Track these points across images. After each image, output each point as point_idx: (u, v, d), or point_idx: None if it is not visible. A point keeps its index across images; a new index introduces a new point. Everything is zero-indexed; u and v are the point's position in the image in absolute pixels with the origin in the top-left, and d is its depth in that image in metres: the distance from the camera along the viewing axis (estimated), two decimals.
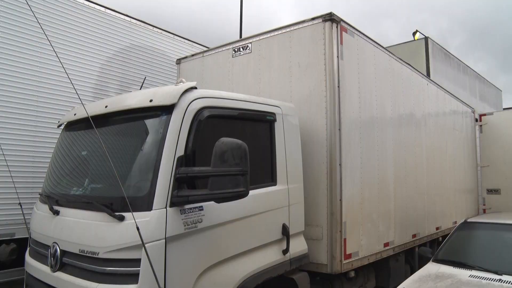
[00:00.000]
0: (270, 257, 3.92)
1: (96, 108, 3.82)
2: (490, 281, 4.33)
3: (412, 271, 6.03)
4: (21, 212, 4.54)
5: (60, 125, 4.53)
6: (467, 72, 20.01)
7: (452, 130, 8.93)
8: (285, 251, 4.08)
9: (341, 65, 4.79)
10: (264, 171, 4.06)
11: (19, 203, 4.61)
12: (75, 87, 3.52)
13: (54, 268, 3.54)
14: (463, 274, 4.59)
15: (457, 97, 9.67)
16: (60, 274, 3.48)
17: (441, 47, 17.77)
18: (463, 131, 9.69)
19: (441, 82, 9.52)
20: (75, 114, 4.19)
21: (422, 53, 16.39)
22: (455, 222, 8.18)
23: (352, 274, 5.01)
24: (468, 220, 5.90)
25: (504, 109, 20.78)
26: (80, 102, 3.55)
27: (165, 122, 3.28)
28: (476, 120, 10.73)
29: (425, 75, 8.21)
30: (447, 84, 13.33)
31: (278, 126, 4.24)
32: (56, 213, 3.71)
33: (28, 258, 4.13)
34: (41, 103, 5.79)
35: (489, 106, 21.34)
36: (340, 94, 4.74)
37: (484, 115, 10.83)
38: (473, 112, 10.67)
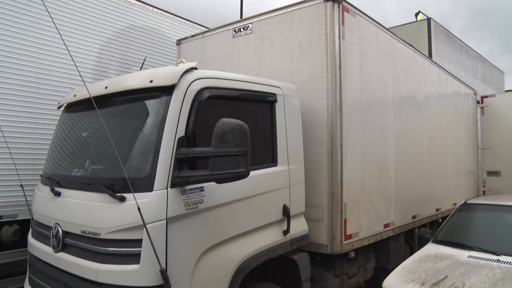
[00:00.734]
0: (270, 238, 3.95)
1: (96, 89, 3.80)
2: (488, 261, 4.37)
3: (412, 252, 6.08)
4: (22, 194, 4.57)
5: (60, 107, 4.52)
6: (469, 54, 19.84)
7: (453, 112, 8.90)
8: (285, 232, 4.10)
9: (343, 46, 4.75)
10: (264, 152, 4.05)
11: (21, 185, 4.63)
12: (77, 68, 3.49)
13: (56, 249, 3.58)
14: (462, 254, 4.63)
15: (459, 79, 9.61)
16: (62, 255, 3.51)
17: (444, 28, 17.59)
18: (464, 113, 9.65)
19: (443, 64, 9.44)
20: (75, 96, 4.17)
21: (424, 35, 16.22)
22: (455, 204, 8.21)
23: (352, 254, 5.05)
24: (468, 202, 5.92)
25: (506, 91, 20.65)
26: (79, 83, 3.54)
27: (166, 103, 3.27)
28: (478, 102, 10.67)
29: (427, 56, 8.14)
30: (449, 66, 13.22)
31: (279, 107, 4.22)
32: (58, 194, 3.72)
33: (30, 239, 4.16)
34: (40, 84, 5.76)
35: (491, 88, 21.22)
36: (342, 75, 4.71)
37: (486, 97, 10.78)
38: (475, 94, 10.61)
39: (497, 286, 3.77)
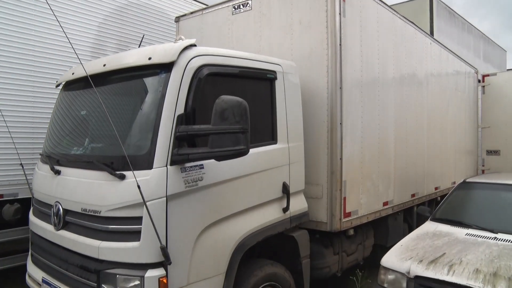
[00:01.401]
0: (270, 215, 3.98)
1: (94, 67, 3.76)
2: (486, 239, 4.41)
3: (410, 230, 6.13)
4: (23, 173, 4.58)
5: (58, 85, 4.49)
6: (471, 32, 19.62)
7: (454, 91, 8.85)
8: (285, 209, 4.12)
9: (343, 23, 4.68)
10: (264, 130, 4.04)
11: (21, 164, 4.63)
12: (73, 46, 3.45)
13: (57, 227, 3.60)
14: (460, 232, 4.67)
15: (461, 57, 9.52)
16: (63, 233, 3.54)
17: (446, 5, 17.34)
18: (465, 92, 9.60)
19: (444, 42, 9.32)
20: (73, 74, 4.14)
21: (426, 12, 16.00)
22: (454, 183, 8.25)
23: (351, 232, 5.10)
24: (467, 180, 5.95)
25: (508, 69, 20.50)
26: (78, 61, 3.49)
27: (165, 80, 3.25)
28: (479, 81, 10.59)
29: (429, 34, 8.04)
30: (451, 44, 13.09)
31: (278, 84, 4.19)
32: (57, 173, 3.73)
33: (32, 217, 4.19)
34: (38, 63, 5.69)
35: (493, 67, 21.06)
36: (342, 53, 4.65)
37: (487, 75, 10.69)
38: (476, 72, 10.53)
39: (494, 263, 3.81)
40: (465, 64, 9.74)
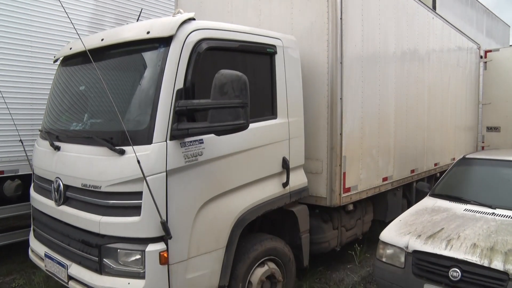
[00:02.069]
0: (270, 190, 4.00)
1: (92, 41, 3.72)
2: (484, 214, 4.43)
3: (409, 205, 6.16)
4: (23, 149, 4.58)
5: (56, 60, 4.45)
6: (474, 6, 19.31)
7: (455, 67, 8.76)
8: (285, 184, 4.14)
9: None
10: (264, 105, 4.02)
11: (20, 140, 4.63)
12: (71, 21, 3.39)
13: (58, 202, 3.63)
14: (459, 208, 4.69)
15: (463, 33, 9.39)
16: (64, 208, 3.57)
17: None
18: (467, 67, 9.51)
19: (447, 17, 9.15)
20: (70, 48, 4.10)
21: None
22: (453, 159, 8.26)
23: (351, 207, 5.14)
24: (467, 156, 5.94)
25: (511, 45, 20.27)
26: (75, 36, 3.45)
27: (163, 55, 3.22)
28: (481, 57, 10.47)
29: (431, 8, 7.90)
30: (453, 19, 12.85)
31: (278, 59, 4.14)
32: (57, 148, 3.73)
33: (33, 193, 4.22)
34: (35, 38, 5.62)
35: (496, 42, 20.80)
36: (343, 27, 4.59)
37: (490, 51, 10.55)
38: (479, 48, 10.40)
39: (491, 238, 3.85)
40: (468, 39, 9.62)
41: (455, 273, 3.62)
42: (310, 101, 4.61)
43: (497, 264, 3.49)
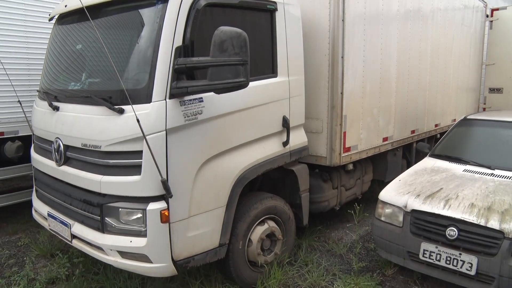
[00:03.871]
0: (270, 149, 3.99)
1: None
2: (482, 175, 4.46)
3: (409, 166, 6.19)
4: (21, 110, 4.55)
5: (51, 19, 4.35)
6: None
7: (460, 26, 8.56)
8: (285, 143, 4.14)
9: None
10: (264, 63, 3.96)
11: (18, 101, 4.60)
12: None
13: (59, 162, 3.64)
14: (458, 168, 4.71)
15: None
16: (65, 168, 3.58)
17: None
18: (471, 26, 9.28)
19: None
20: (66, 6, 3.99)
21: None
22: (454, 120, 8.22)
23: (350, 167, 5.16)
24: (468, 117, 5.91)
25: None
26: None
27: (161, 11, 3.14)
28: (487, 16, 10.20)
29: None
30: None
31: (279, 16, 4.04)
32: (56, 109, 3.71)
33: (33, 154, 4.22)
34: None
35: (503, 1, 20.27)
36: None
37: (497, 9, 10.22)
38: (485, 6, 10.11)
39: (489, 198, 3.88)
40: None
41: (452, 232, 3.68)
42: (311, 59, 4.54)
43: (493, 223, 3.54)
